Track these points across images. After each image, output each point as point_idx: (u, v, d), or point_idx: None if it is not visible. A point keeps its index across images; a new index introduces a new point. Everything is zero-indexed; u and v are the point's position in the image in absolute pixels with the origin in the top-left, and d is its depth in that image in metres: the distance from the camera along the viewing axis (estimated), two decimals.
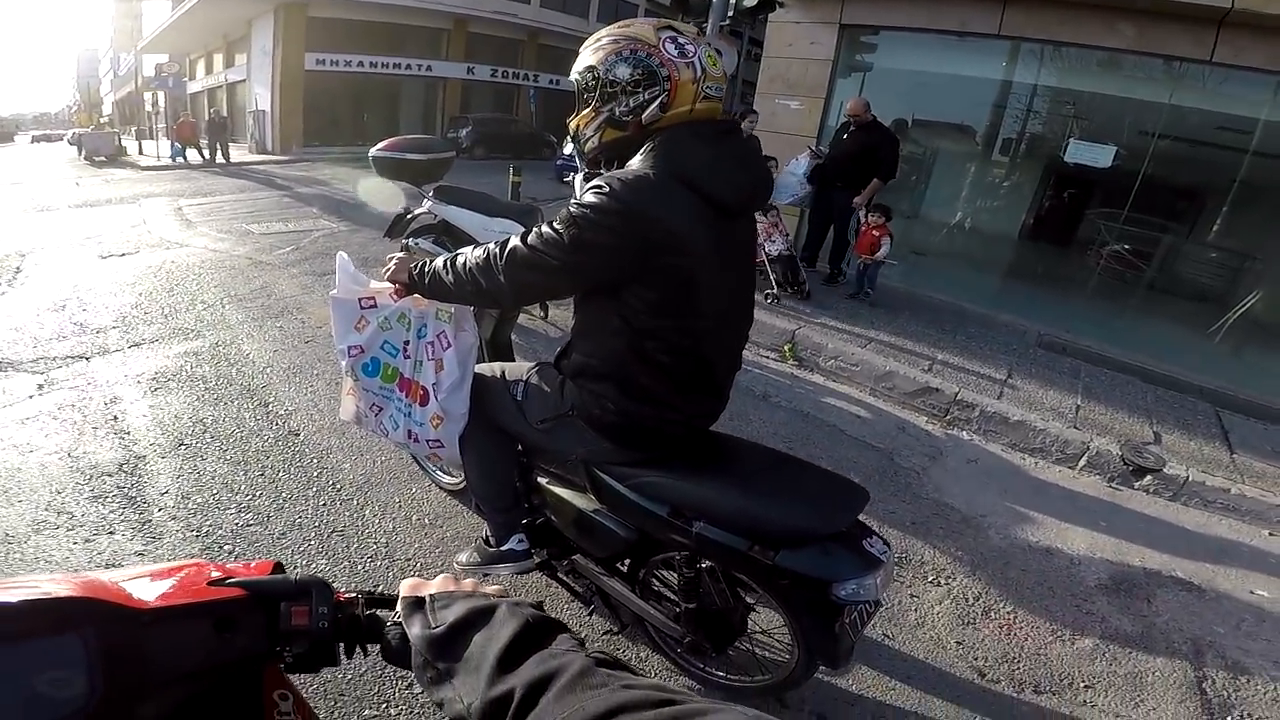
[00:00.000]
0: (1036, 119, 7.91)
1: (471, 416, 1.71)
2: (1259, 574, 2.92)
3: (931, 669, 2.11)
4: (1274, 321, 6.58)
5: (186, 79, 24.22)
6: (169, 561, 0.78)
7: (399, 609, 0.61)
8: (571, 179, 6.12)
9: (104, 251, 6.10)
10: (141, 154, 18.97)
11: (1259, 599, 2.75)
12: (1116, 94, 6.75)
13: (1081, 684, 2.13)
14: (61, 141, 33.68)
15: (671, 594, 1.71)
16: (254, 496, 2.52)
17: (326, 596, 0.64)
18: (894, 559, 1.38)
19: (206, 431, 2.95)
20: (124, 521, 2.32)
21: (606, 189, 1.27)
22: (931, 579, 2.53)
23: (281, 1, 19.43)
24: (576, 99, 1.47)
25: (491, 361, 1.93)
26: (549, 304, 4.70)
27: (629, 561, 1.74)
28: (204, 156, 16.63)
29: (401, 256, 1.64)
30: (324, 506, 2.50)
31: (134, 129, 23.72)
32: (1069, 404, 4.26)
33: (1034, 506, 3.22)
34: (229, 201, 9.61)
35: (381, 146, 4.17)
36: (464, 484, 2.39)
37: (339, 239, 6.89)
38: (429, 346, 1.69)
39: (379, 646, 0.65)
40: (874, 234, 5.50)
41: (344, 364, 1.74)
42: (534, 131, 21.47)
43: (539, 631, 0.53)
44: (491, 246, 1.43)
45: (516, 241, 1.38)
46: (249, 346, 3.91)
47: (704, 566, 1.54)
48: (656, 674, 1.89)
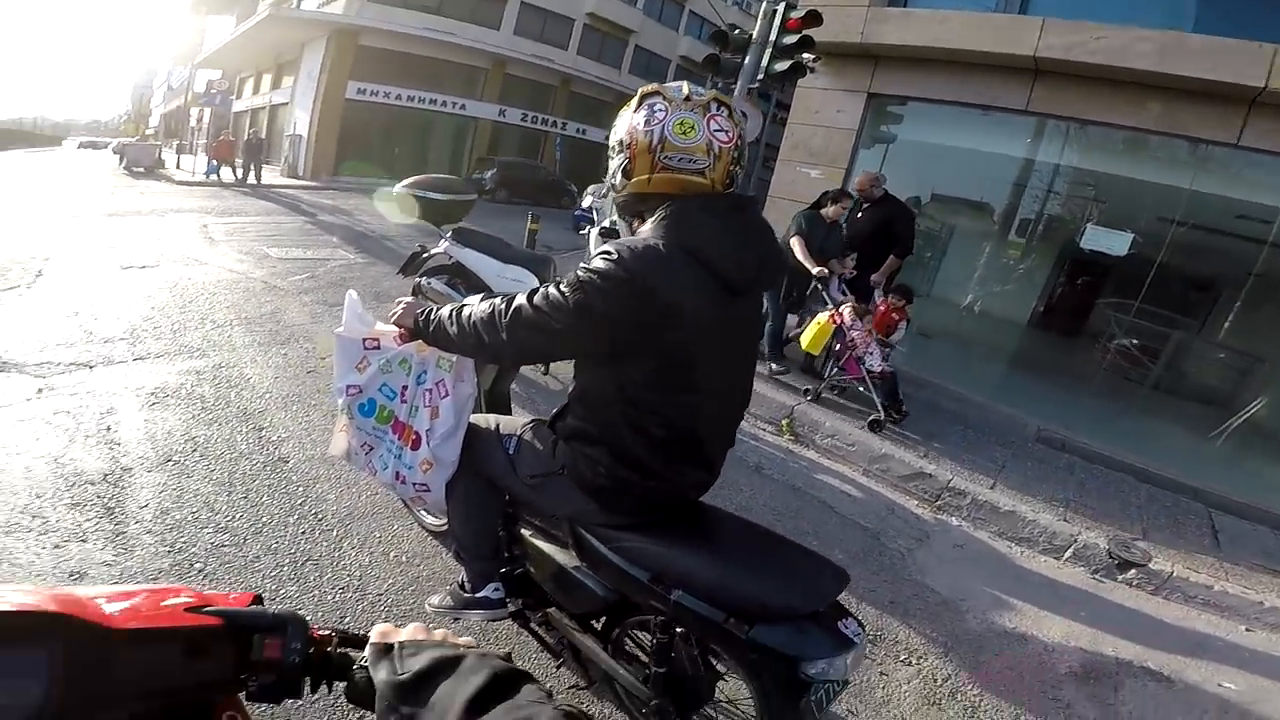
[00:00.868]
0: (1056, 200, 7.94)
1: (461, 464, 1.74)
2: (1230, 667, 2.94)
3: None
4: (1277, 428, 6.49)
5: (234, 97, 25.16)
6: (150, 584, 0.81)
7: (366, 652, 0.63)
8: (587, 232, 6.20)
9: (125, 262, 6.30)
10: (179, 168, 19.68)
11: (1226, 691, 2.77)
12: (1138, 176, 6.73)
13: None
14: (106, 149, 34.96)
15: (643, 656, 1.71)
16: (234, 518, 2.55)
17: (301, 632, 0.66)
18: (866, 641, 1.40)
19: (197, 450, 3.00)
20: (98, 531, 2.33)
21: (615, 256, 1.29)
22: (903, 658, 2.54)
23: (336, 27, 20.41)
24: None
25: (488, 413, 1.96)
26: None
27: (604, 620, 1.75)
28: (236, 176, 17.23)
29: (410, 301, 1.69)
30: (302, 535, 2.52)
31: (176, 143, 24.57)
32: (1060, 498, 4.28)
33: (1015, 593, 3.22)
34: (254, 223, 9.95)
35: (406, 183, 4.33)
36: (446, 526, 2.40)
37: (354, 270, 7.09)
38: (427, 393, 1.73)
39: (344, 685, 0.67)
40: (893, 316, 5.33)
41: (340, 401, 1.79)
42: (557, 179, 21.93)
43: (506, 682, 0.54)
44: (497, 302, 1.45)
45: (522, 300, 1.39)
46: (251, 370, 3.99)
47: (678, 632, 1.55)
48: None
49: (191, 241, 7.85)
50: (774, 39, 5.70)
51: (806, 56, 5.76)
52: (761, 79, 5.90)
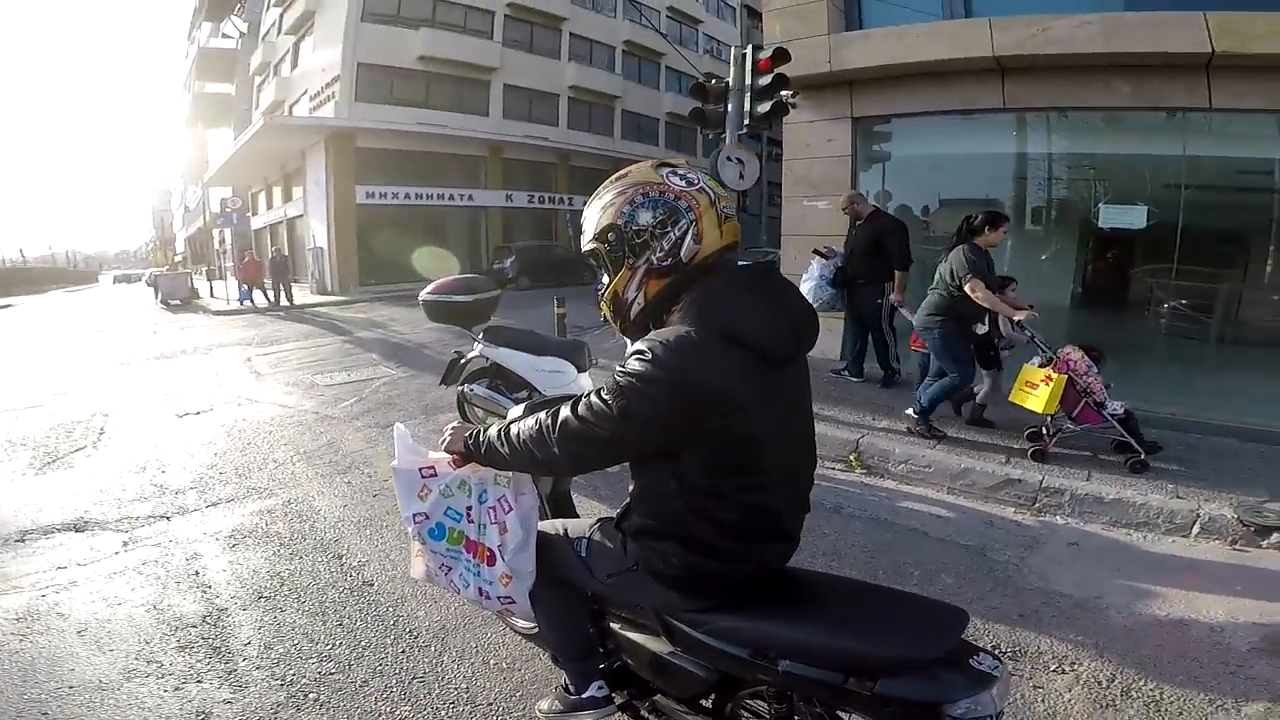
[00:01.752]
0: (1060, 185, 7.92)
1: (539, 572, 1.73)
2: None
3: None
4: None
5: (250, 214, 25.78)
6: None
7: None
8: None
9: (180, 410, 6.51)
10: (213, 296, 20.32)
11: None
12: (1132, 151, 6.79)
13: None
14: (140, 282, 35.18)
15: None
16: (334, 645, 2.55)
17: None
18: (1008, 672, 1.33)
19: (284, 585, 3.02)
20: (210, 670, 2.39)
21: (649, 355, 1.26)
22: (1054, 667, 2.38)
23: (331, 131, 20.99)
24: (603, 268, 1.47)
25: (553, 517, 1.96)
26: None
27: (714, 697, 1.68)
28: (269, 299, 17.74)
29: (456, 426, 1.72)
30: (402, 654, 2.50)
31: (205, 268, 25.22)
32: (1165, 474, 4.03)
33: (1154, 581, 3.02)
34: (294, 350, 10.25)
35: (430, 290, 4.37)
36: (538, 629, 2.36)
37: (398, 386, 7.21)
38: (490, 511, 1.74)
39: None
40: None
41: (410, 530, 1.81)
42: (574, 256, 21.99)
43: None
44: (543, 418, 1.44)
45: (567, 412, 1.38)
46: (320, 503, 4.03)
47: (796, 698, 1.48)
48: None
49: (239, 378, 8.11)
50: (750, 82, 5.83)
51: (785, 94, 5.87)
52: (748, 123, 6.01)
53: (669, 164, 1.43)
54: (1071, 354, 4.29)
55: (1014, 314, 4.43)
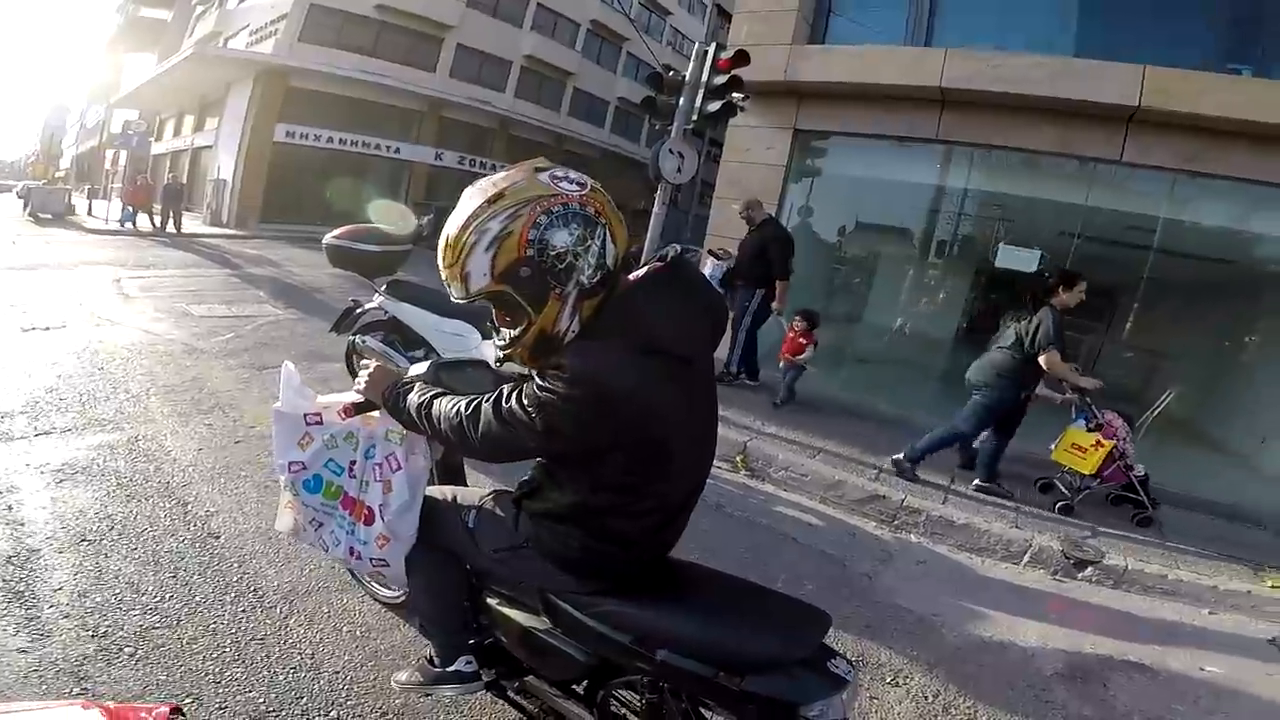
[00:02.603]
0: (968, 222, 8.40)
1: (419, 538, 1.64)
2: (1206, 651, 3.05)
3: None
4: (1188, 417, 6.92)
5: (153, 139, 23.80)
6: (42, 700, 0.65)
7: None
8: None
9: (27, 323, 5.73)
10: (90, 214, 18.37)
11: (1211, 675, 2.86)
12: (1039, 196, 7.18)
13: None
14: (10, 194, 32.41)
15: (633, 716, 1.63)
16: (163, 599, 2.31)
17: None
18: (857, 677, 1.37)
19: (114, 529, 2.70)
20: (7, 616, 2.10)
21: (569, 374, 1.19)
22: (890, 680, 2.51)
23: (265, 68, 19.66)
24: (511, 312, 1.29)
25: (442, 484, 1.87)
26: None
27: (586, 683, 1.66)
28: (154, 224, 16.23)
29: (379, 367, 1.59)
30: (243, 613, 2.30)
31: (88, 187, 23.03)
32: (1010, 505, 4.40)
33: (985, 603, 3.26)
34: (173, 277, 9.31)
35: (337, 234, 4.11)
36: (403, 598, 2.25)
37: (283, 328, 6.68)
38: (377, 468, 1.63)
39: None
40: (801, 341, 5.59)
41: (283, 479, 1.68)
42: None
43: None
44: (463, 410, 1.35)
45: (488, 411, 1.30)
46: (172, 443, 3.65)
47: (667, 689, 1.49)
48: None
49: (103, 298, 7.25)
50: (706, 80, 5.80)
51: (737, 96, 5.88)
52: (696, 120, 5.99)
53: (542, 168, 1.27)
54: (1114, 421, 4.42)
55: (1086, 385, 4.43)
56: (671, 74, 6.17)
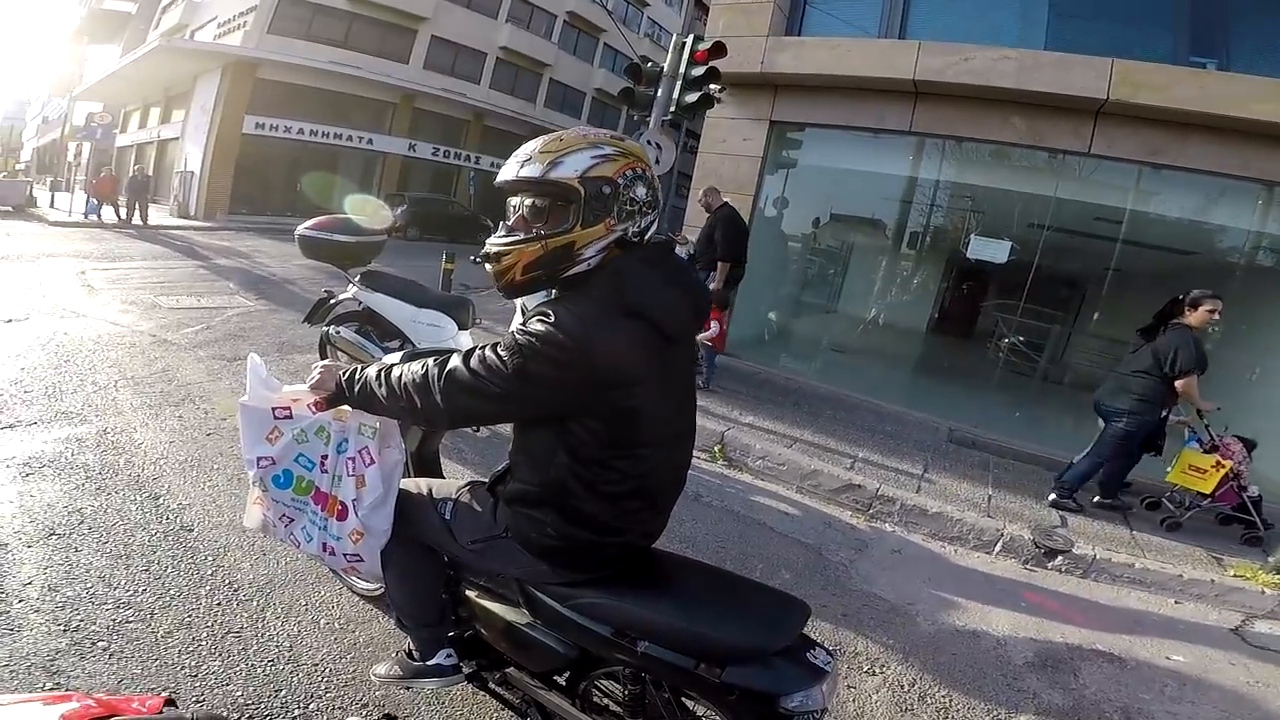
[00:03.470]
0: (940, 213, 8.51)
1: (395, 532, 1.61)
2: (1172, 640, 3.15)
3: None
4: None
5: (117, 131, 23.16)
6: (36, 692, 0.62)
7: None
8: None
9: None
10: (53, 207, 17.89)
11: (1176, 664, 2.95)
12: (1009, 188, 7.28)
13: None
14: None
15: (616, 706, 1.63)
16: (136, 592, 2.26)
17: None
18: (837, 667, 1.38)
19: (84, 522, 2.63)
20: None
21: (553, 319, 1.22)
22: (866, 669, 2.55)
23: (233, 60, 19.28)
24: (554, 213, 1.32)
25: (418, 476, 1.84)
26: None
27: (568, 674, 1.65)
28: (120, 216, 15.78)
29: (328, 364, 1.56)
30: (218, 606, 2.26)
31: (50, 179, 22.39)
32: (981, 494, 4.49)
33: (958, 592, 3.32)
34: (140, 269, 9.05)
35: (310, 225, 4.04)
36: (381, 591, 2.23)
37: (254, 319, 6.54)
38: (350, 462, 1.59)
39: None
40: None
41: (251, 473, 1.63)
42: (471, 214, 21.36)
43: None
44: (430, 364, 1.35)
45: (458, 362, 1.30)
46: (142, 435, 3.57)
47: (649, 680, 1.49)
48: None
49: (68, 290, 7.02)
50: (684, 71, 5.79)
51: (714, 87, 5.87)
52: (674, 110, 5.97)
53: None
54: (1232, 444, 4.41)
55: (1207, 407, 4.38)
56: (649, 65, 6.15)
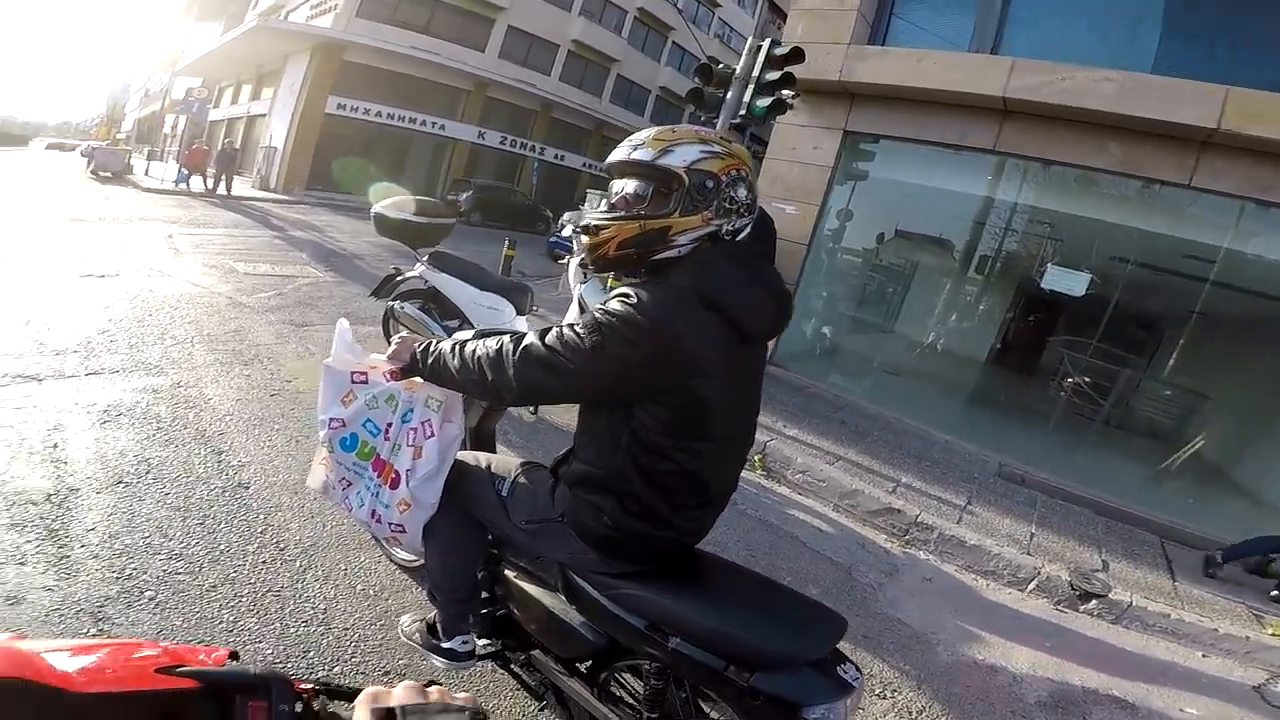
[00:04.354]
0: (1014, 238, 8.04)
1: (443, 505, 1.65)
2: (1190, 693, 3.06)
3: None
4: (1218, 462, 6.65)
5: (211, 106, 24.55)
6: (108, 637, 0.68)
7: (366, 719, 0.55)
8: (566, 260, 6.08)
9: (85, 270, 5.98)
10: (148, 175, 19.18)
11: (1188, 717, 2.87)
12: (1093, 216, 6.82)
13: None
14: (74, 152, 33.91)
15: (633, 701, 1.64)
16: (189, 544, 2.39)
17: (288, 694, 0.58)
18: (864, 684, 1.37)
19: (150, 472, 2.81)
20: (39, 554, 2.16)
21: (634, 300, 1.25)
22: (879, 692, 2.53)
23: (322, 41, 20.07)
24: (655, 198, 1.36)
25: (475, 450, 1.87)
26: None
27: (591, 662, 1.67)
28: (206, 186, 16.72)
29: (405, 336, 1.62)
30: (263, 564, 2.37)
31: (148, 149, 23.87)
32: (1024, 532, 4.34)
33: (983, 625, 3.25)
34: (221, 235, 9.60)
35: (385, 204, 4.21)
36: (419, 563, 2.31)
37: (323, 289, 6.86)
38: (411, 432, 1.64)
39: None
40: None
41: (322, 434, 1.70)
42: (532, 204, 21.75)
43: None
44: (505, 339, 1.39)
45: (534, 338, 1.34)
46: (212, 391, 3.78)
47: (671, 677, 1.50)
48: None
49: (155, 252, 7.53)
50: (757, 75, 5.73)
51: (787, 93, 5.79)
52: (743, 114, 5.92)
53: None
54: None
55: None
56: (720, 67, 6.11)
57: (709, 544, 2.92)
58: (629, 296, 1.26)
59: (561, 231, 13.05)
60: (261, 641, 2.02)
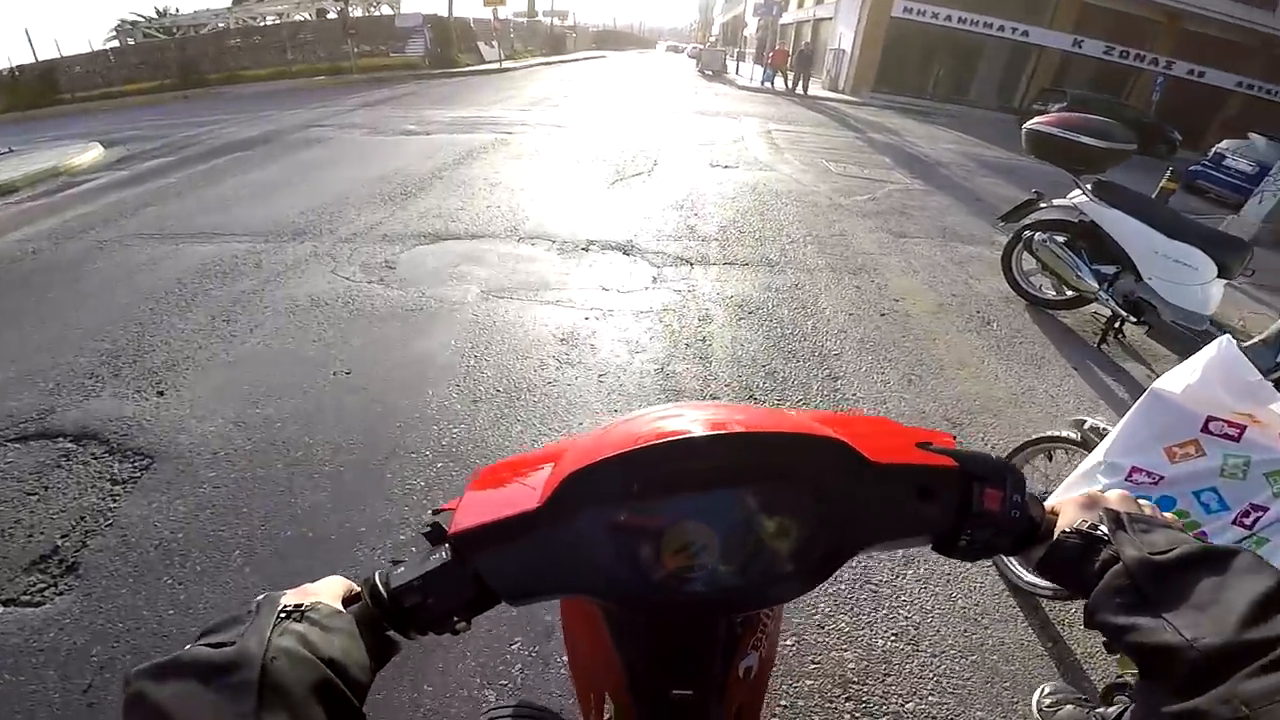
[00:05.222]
0: None
1: None
2: None
3: None
4: None
5: (782, 9, 26.04)
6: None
7: (1093, 520, 0.49)
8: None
9: (713, 160, 6.63)
10: (738, 74, 21.62)
11: None
12: None
13: None
14: (684, 53, 41.20)
15: None
16: None
17: (1021, 485, 0.52)
18: None
19: (775, 389, 2.60)
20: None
21: None
22: None
23: None
24: None
25: None
26: None
27: None
28: (788, 85, 17.82)
29: None
30: None
31: (735, 50, 27.10)
32: None
33: None
34: (809, 133, 9.74)
35: (1045, 120, 3.46)
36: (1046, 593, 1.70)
37: (913, 197, 6.10)
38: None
39: (1039, 550, 0.51)
40: None
41: (1089, 466, 1.21)
42: (1154, 123, 16.71)
43: None
44: None
45: None
46: (825, 301, 3.49)
47: None
48: None
49: (760, 146, 7.96)
50: None
51: None
52: None
53: None
54: None
55: None
56: None
57: None
58: None
59: (1228, 161, 9.46)
60: None
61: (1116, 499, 0.52)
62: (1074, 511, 0.51)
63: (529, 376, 2.53)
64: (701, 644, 0.49)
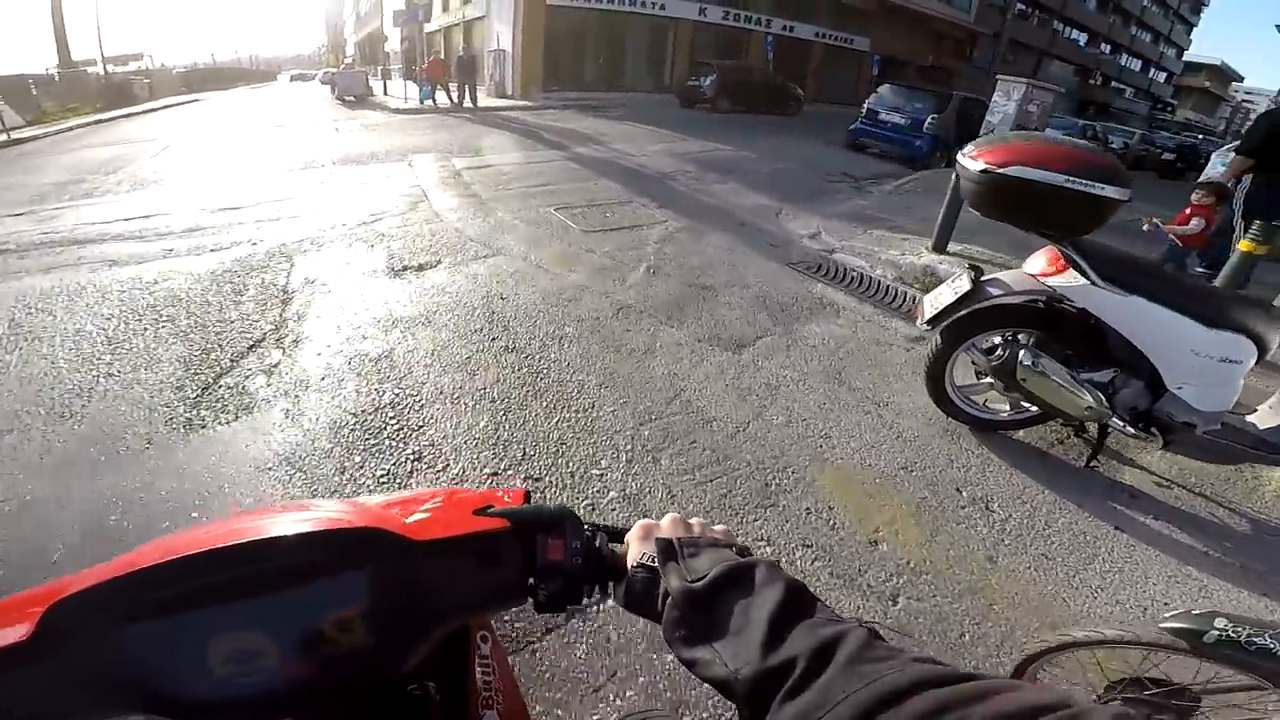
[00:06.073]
0: None
1: None
2: None
3: None
4: None
5: (427, 15, 23.29)
6: (418, 488, 0.53)
7: (651, 553, 0.50)
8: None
9: (391, 255, 4.02)
10: (387, 94, 18.46)
11: None
12: None
13: None
14: (314, 80, 35.29)
15: None
16: None
17: (578, 530, 0.53)
18: None
19: None
20: None
21: None
22: None
23: None
24: None
25: None
26: None
27: None
28: (452, 99, 15.29)
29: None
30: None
31: (379, 69, 23.56)
32: None
33: None
34: (508, 164, 7.41)
35: (1006, 154, 2.05)
36: None
37: (695, 247, 4.31)
38: None
39: (621, 588, 0.51)
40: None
41: None
42: (780, 83, 18.35)
43: (799, 599, 0.44)
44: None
45: None
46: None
47: None
48: None
49: (454, 204, 5.45)
50: None
51: None
52: None
53: None
54: None
55: None
56: None
57: None
58: None
59: (882, 116, 9.86)
60: None
61: (668, 525, 0.53)
62: (636, 545, 0.52)
63: None
64: None
